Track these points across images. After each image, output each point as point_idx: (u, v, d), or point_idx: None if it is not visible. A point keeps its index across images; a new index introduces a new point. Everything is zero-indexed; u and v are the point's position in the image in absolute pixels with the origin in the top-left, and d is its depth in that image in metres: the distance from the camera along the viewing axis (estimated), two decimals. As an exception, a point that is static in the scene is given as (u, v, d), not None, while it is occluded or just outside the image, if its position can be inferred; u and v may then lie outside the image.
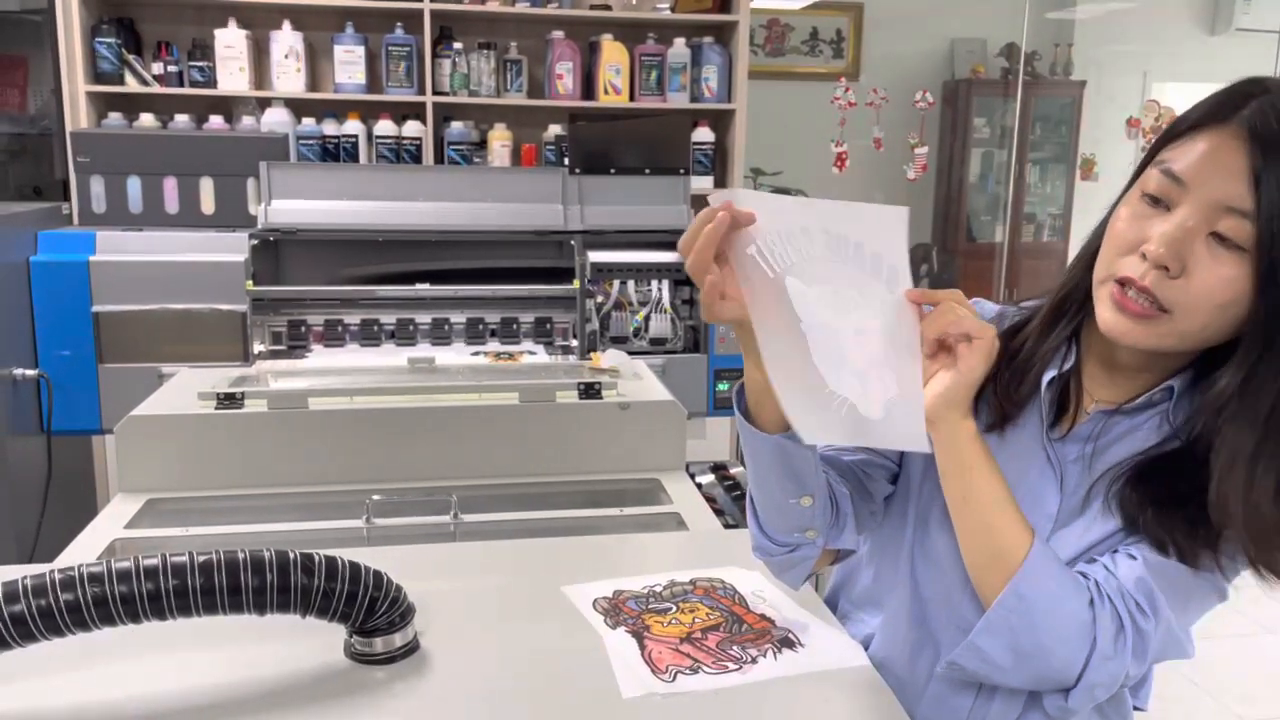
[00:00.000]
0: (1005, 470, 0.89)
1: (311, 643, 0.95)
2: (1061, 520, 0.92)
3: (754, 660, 0.94)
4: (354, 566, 0.91)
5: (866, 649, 1.02)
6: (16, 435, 2.34)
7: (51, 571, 0.83)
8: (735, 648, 0.96)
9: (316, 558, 0.89)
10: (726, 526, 1.61)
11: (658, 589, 1.08)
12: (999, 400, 0.94)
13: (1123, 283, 0.84)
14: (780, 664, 0.94)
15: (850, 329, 0.85)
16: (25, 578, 0.82)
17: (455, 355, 2.47)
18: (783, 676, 0.92)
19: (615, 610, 1.03)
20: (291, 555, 0.88)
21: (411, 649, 0.95)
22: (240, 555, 0.86)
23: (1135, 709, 1.07)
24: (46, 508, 2.34)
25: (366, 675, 0.93)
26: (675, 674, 0.91)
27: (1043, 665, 0.86)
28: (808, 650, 0.96)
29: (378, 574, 0.92)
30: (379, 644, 0.94)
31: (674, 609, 1.03)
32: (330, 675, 0.92)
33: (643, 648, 0.95)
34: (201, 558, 0.85)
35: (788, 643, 0.97)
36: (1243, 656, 3.15)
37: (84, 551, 1.34)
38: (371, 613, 0.92)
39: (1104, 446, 0.91)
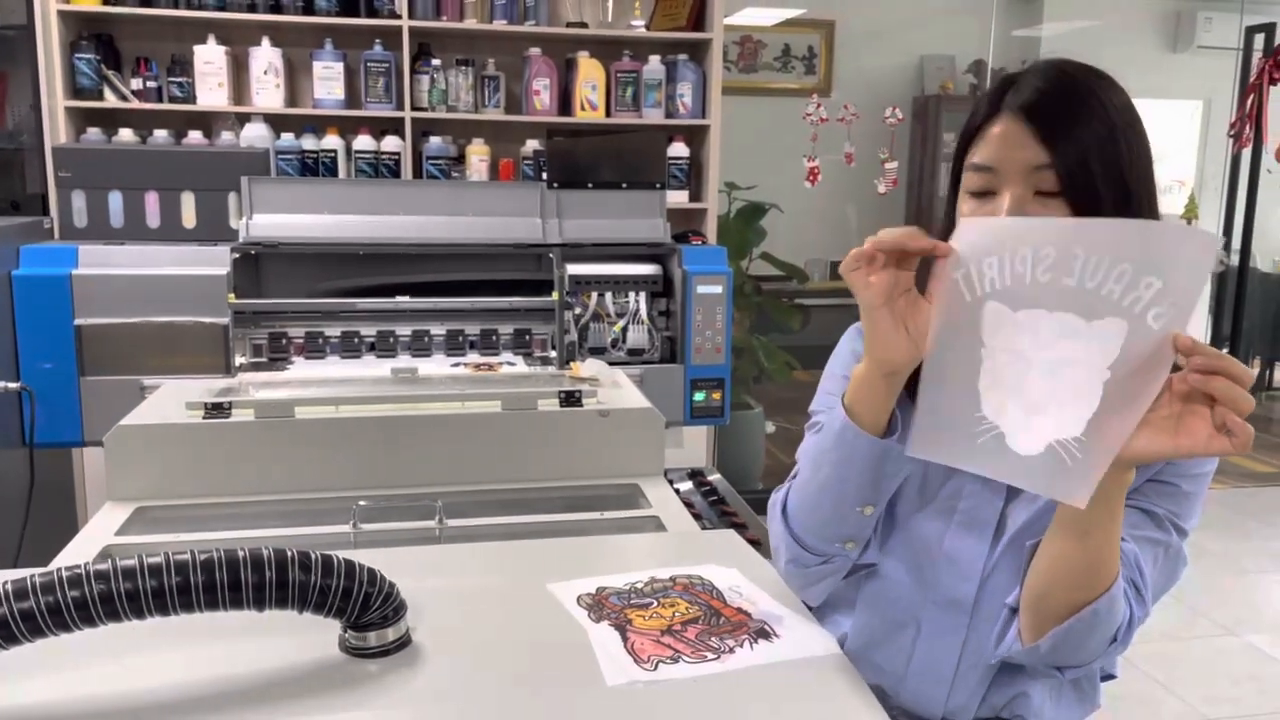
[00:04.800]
0: None
1: (306, 638, 0.99)
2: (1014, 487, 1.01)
3: (731, 650, 0.98)
4: (349, 564, 0.95)
5: (842, 646, 1.08)
6: (-2, 448, 2.35)
7: (59, 569, 0.86)
8: (714, 639, 1.00)
9: (313, 555, 0.93)
10: (704, 530, 1.65)
11: (639, 585, 1.12)
12: None
13: None
14: (756, 653, 0.98)
15: (1047, 360, 0.83)
16: (33, 575, 0.86)
17: (435, 366, 2.51)
18: (759, 665, 0.97)
19: (598, 605, 1.07)
20: (289, 553, 0.92)
21: (404, 643, 0.99)
22: (240, 553, 0.90)
23: (1110, 675, 1.15)
24: (30, 517, 2.35)
25: (360, 668, 0.96)
26: (657, 663, 0.95)
27: (1073, 656, 0.94)
28: (783, 640, 1.01)
29: (371, 571, 0.96)
30: (372, 638, 0.98)
31: (655, 603, 1.07)
32: (325, 668, 0.96)
33: (625, 640, 0.99)
34: (203, 555, 0.89)
35: (763, 634, 1.02)
36: (1206, 658, 3.23)
37: (76, 557, 1.36)
38: (366, 608, 0.95)
39: None
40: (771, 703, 0.92)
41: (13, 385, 2.35)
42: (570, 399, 1.71)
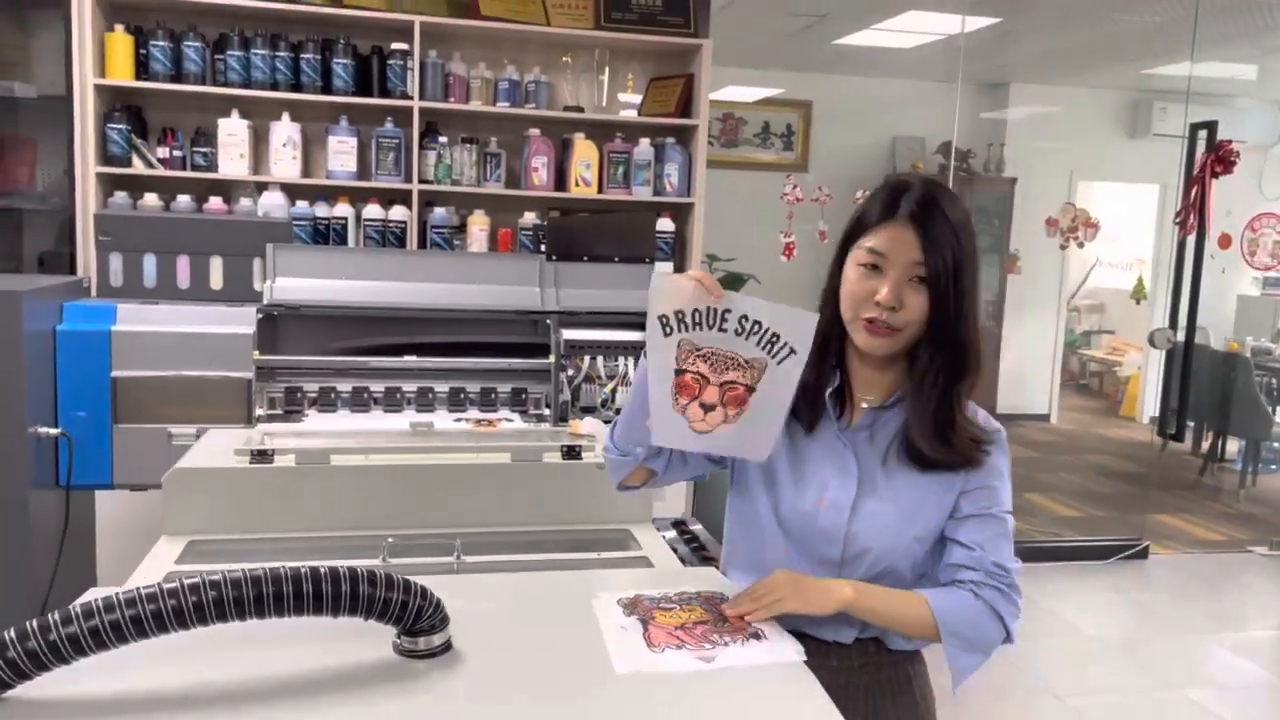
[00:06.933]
0: (817, 454, 1.40)
1: (363, 643, 1.20)
2: (865, 479, 1.38)
3: (726, 644, 1.25)
4: (405, 581, 1.17)
5: None
6: (36, 489, 2.55)
7: (179, 577, 1.08)
8: (715, 635, 1.28)
9: (379, 573, 1.15)
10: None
11: (670, 595, 1.40)
12: (806, 411, 1.40)
13: (869, 319, 1.34)
14: (745, 650, 1.25)
15: (719, 382, 1.28)
16: (161, 583, 1.07)
17: (438, 421, 2.73)
18: (744, 661, 1.23)
19: (633, 605, 1.35)
20: (360, 570, 1.14)
21: (447, 647, 1.21)
22: (322, 569, 1.12)
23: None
24: (62, 556, 2.54)
25: (411, 667, 1.18)
26: (664, 648, 1.23)
27: (988, 647, 1.35)
28: (768, 643, 1.28)
29: (423, 587, 1.18)
30: (422, 643, 1.19)
31: (677, 607, 1.36)
32: (383, 667, 1.18)
33: (645, 630, 1.28)
34: (292, 570, 1.11)
35: (755, 636, 1.29)
36: (1151, 712, 3.45)
37: (144, 582, 1.57)
38: (419, 617, 1.17)
39: (878, 430, 1.41)
40: (749, 694, 1.15)
41: (53, 431, 2.55)
42: (571, 453, 1.95)
